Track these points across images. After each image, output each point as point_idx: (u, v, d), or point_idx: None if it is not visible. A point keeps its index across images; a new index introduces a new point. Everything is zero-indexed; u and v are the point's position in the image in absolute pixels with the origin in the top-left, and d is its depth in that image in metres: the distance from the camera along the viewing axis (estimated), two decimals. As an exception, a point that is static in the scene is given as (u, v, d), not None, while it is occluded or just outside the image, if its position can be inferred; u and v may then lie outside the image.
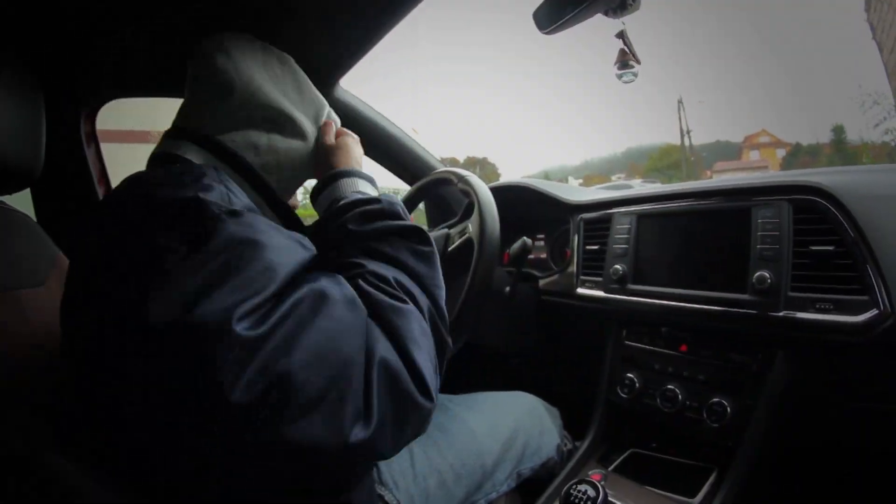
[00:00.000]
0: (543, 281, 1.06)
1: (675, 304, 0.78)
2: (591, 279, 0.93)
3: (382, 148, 1.15)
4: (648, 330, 0.86)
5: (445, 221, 1.04)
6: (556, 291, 1.02)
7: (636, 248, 0.86)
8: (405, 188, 1.21)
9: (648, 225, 0.86)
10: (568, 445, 0.87)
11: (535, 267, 1.17)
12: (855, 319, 0.59)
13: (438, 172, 0.91)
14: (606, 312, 0.91)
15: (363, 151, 0.65)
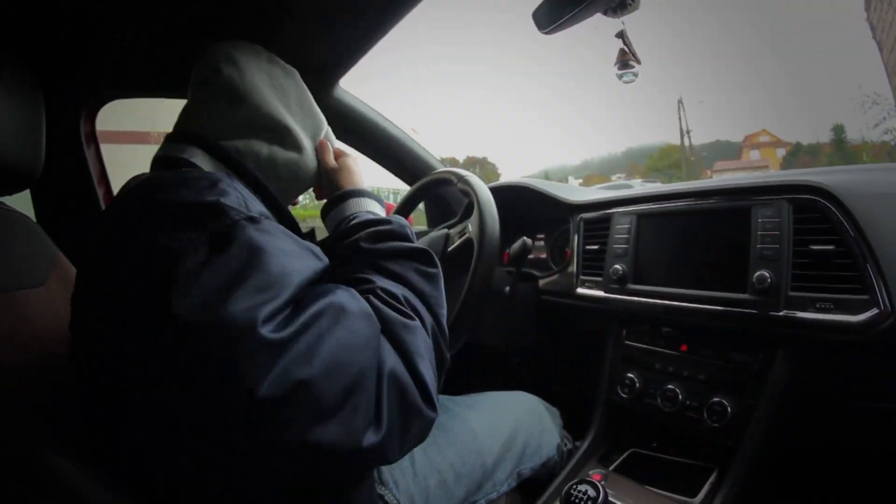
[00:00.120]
0: (543, 281, 1.06)
1: (675, 303, 0.78)
2: (590, 279, 0.93)
3: (382, 148, 1.15)
4: (649, 330, 0.86)
5: (445, 221, 1.04)
6: (555, 291, 1.02)
7: (636, 247, 0.86)
8: (405, 188, 1.21)
9: (648, 225, 0.86)
10: (568, 445, 0.87)
11: (534, 267, 1.17)
12: (855, 319, 0.59)
13: (438, 172, 0.91)
14: (606, 312, 0.91)
15: (363, 152, 0.66)
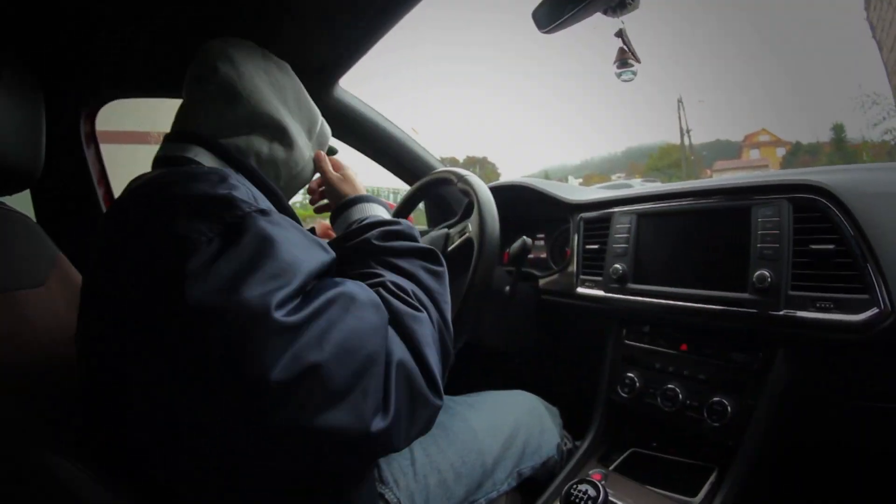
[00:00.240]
0: (543, 280, 1.06)
1: (675, 303, 0.78)
2: (591, 278, 0.93)
3: (382, 148, 1.15)
4: (649, 329, 0.86)
5: (445, 221, 1.04)
6: (556, 291, 1.02)
7: (636, 247, 0.86)
8: (405, 188, 1.21)
9: (648, 224, 0.86)
10: (568, 444, 0.87)
11: (535, 266, 1.17)
12: (855, 318, 0.59)
13: (438, 172, 0.91)
14: (606, 312, 0.91)
15: (363, 152, 0.67)
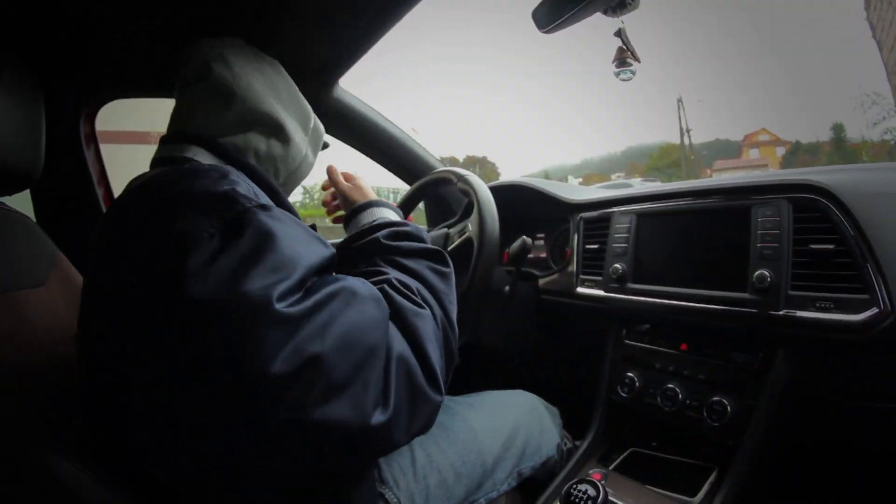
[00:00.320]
0: (543, 280, 1.06)
1: (675, 303, 0.78)
2: (590, 278, 0.93)
3: (382, 148, 1.15)
4: (649, 329, 0.86)
5: (445, 221, 1.04)
6: (555, 291, 1.02)
7: (636, 247, 0.86)
8: (405, 188, 1.21)
9: (648, 224, 0.86)
10: (568, 444, 0.87)
11: (534, 266, 1.17)
12: (855, 318, 0.59)
13: (438, 172, 0.91)
14: (606, 311, 0.91)
15: (363, 151, 0.68)
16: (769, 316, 0.66)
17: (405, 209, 0.97)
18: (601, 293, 0.90)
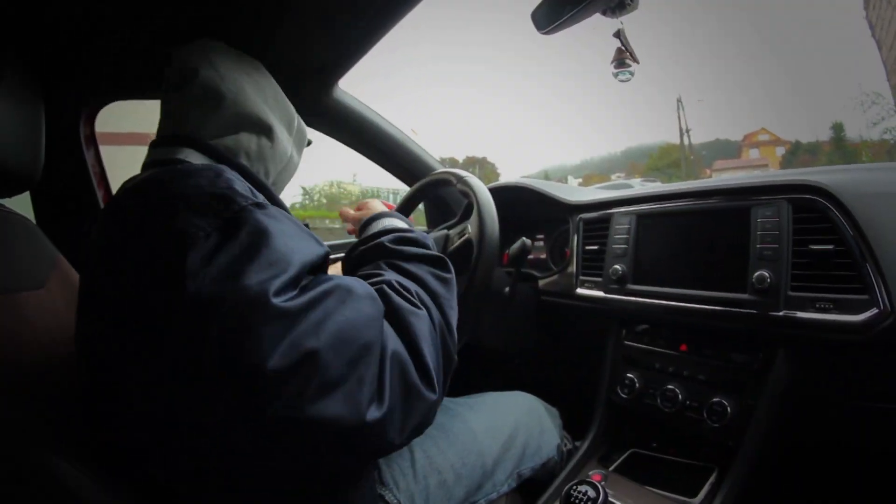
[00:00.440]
0: (543, 281, 1.06)
1: (674, 303, 0.78)
2: (590, 279, 0.93)
3: (382, 149, 1.15)
4: (648, 330, 0.86)
5: (445, 222, 1.04)
6: (555, 292, 1.02)
7: (636, 248, 0.86)
8: (404, 189, 1.21)
9: (648, 225, 0.86)
10: (568, 445, 0.87)
11: (534, 267, 1.17)
12: (855, 318, 0.59)
13: (437, 173, 0.91)
14: (606, 312, 0.91)
15: (363, 153, 0.69)
16: (769, 317, 0.66)
17: (405, 210, 0.97)
18: (601, 294, 0.90)
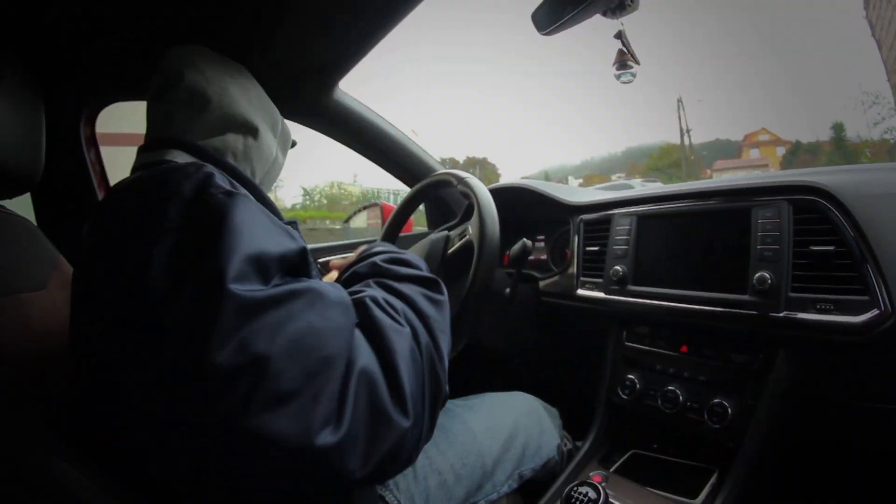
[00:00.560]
0: (544, 282, 1.06)
1: (675, 304, 0.77)
2: (591, 280, 0.93)
3: (382, 150, 1.15)
4: (649, 331, 0.86)
5: (445, 223, 1.04)
6: (556, 293, 1.02)
7: (636, 249, 0.86)
8: (405, 189, 1.21)
9: (648, 226, 0.86)
10: (568, 445, 0.87)
11: (535, 268, 1.18)
12: (855, 320, 0.59)
13: (438, 174, 0.91)
14: (607, 313, 0.91)
15: (363, 153, 0.68)
16: (769, 318, 0.66)
17: (405, 211, 0.97)
18: (601, 295, 0.90)
